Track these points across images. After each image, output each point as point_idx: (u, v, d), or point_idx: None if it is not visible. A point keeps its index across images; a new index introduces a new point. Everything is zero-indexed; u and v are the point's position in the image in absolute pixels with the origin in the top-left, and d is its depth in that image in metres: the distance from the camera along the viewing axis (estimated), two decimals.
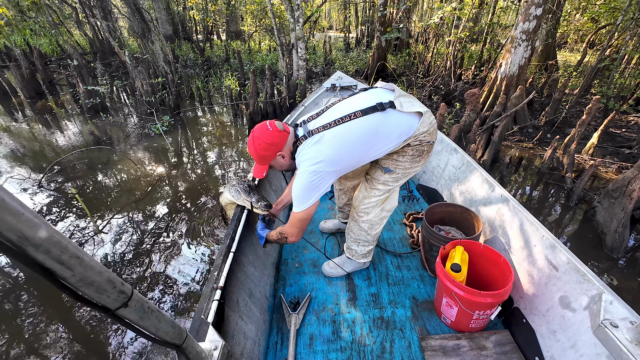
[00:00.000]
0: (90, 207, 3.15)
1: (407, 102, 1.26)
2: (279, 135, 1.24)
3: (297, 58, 5.73)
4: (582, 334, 1.09)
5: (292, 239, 1.40)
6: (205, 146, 4.67)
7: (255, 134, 1.25)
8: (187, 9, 12.02)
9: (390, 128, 1.23)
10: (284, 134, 1.25)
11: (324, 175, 1.21)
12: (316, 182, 1.21)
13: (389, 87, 1.34)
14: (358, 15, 14.41)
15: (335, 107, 1.28)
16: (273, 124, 1.25)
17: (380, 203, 1.52)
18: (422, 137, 1.29)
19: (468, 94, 3.59)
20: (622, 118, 5.25)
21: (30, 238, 0.40)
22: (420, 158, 1.36)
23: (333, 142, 1.20)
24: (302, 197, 1.25)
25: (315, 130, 1.22)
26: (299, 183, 1.23)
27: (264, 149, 1.24)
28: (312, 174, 1.20)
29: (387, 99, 1.25)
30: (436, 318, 1.55)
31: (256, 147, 1.25)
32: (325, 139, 1.21)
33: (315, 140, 1.22)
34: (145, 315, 0.60)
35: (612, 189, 2.70)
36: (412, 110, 1.24)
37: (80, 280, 0.47)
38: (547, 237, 1.34)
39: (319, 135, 1.21)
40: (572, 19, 10.77)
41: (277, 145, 1.25)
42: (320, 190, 1.23)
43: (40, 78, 7.31)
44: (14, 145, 4.55)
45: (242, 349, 1.19)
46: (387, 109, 1.22)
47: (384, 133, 1.23)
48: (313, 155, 1.20)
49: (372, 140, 1.23)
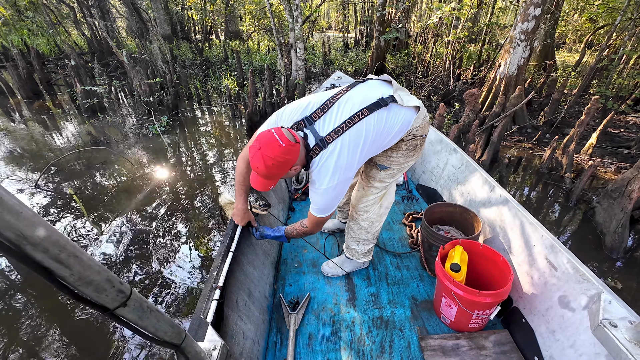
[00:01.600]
0: (87, 208, 3.13)
1: (405, 96, 1.27)
2: (292, 150, 1.07)
3: (296, 58, 5.73)
4: (581, 334, 1.09)
5: (315, 232, 1.43)
6: (204, 146, 4.65)
7: (264, 153, 1.04)
8: (186, 9, 12.00)
9: (393, 123, 1.23)
10: (297, 147, 1.09)
11: (345, 182, 1.21)
12: (339, 192, 1.21)
13: (384, 78, 1.33)
14: (357, 15, 14.42)
15: (340, 103, 1.21)
16: (283, 136, 1.06)
17: (378, 200, 1.53)
18: (415, 131, 1.30)
19: (467, 94, 3.60)
20: (621, 118, 5.27)
21: (28, 237, 0.40)
22: (414, 152, 1.37)
23: (349, 150, 1.16)
24: (326, 206, 1.26)
25: (328, 138, 1.15)
26: (325, 198, 1.22)
27: (277, 167, 1.06)
28: (336, 188, 1.19)
29: (387, 93, 1.25)
30: (435, 318, 1.55)
31: (268, 167, 1.05)
32: (340, 147, 1.15)
33: (330, 150, 1.15)
34: (144, 315, 0.60)
35: (611, 189, 2.70)
36: (411, 105, 1.25)
37: (78, 279, 0.47)
38: (547, 237, 1.34)
39: (333, 144, 1.15)
40: (570, 19, 10.81)
41: (291, 161, 1.09)
42: (341, 195, 1.24)
43: (38, 78, 7.28)
44: (11, 145, 4.53)
45: (241, 349, 1.19)
46: (390, 103, 1.21)
47: (387, 129, 1.23)
48: (332, 168, 1.15)
49: (379, 138, 1.23)
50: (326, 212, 1.28)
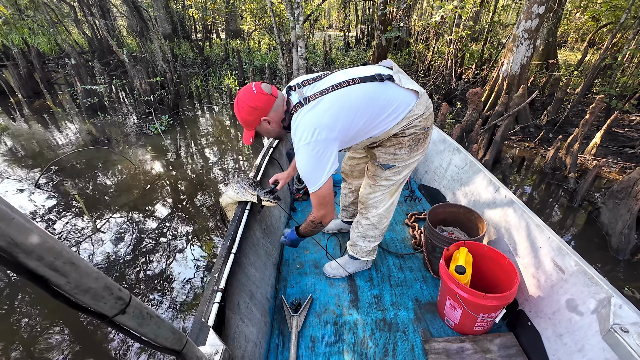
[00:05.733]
0: (88, 207, 3.12)
1: (405, 79, 1.24)
2: (263, 99, 1.14)
3: (297, 57, 5.70)
4: (590, 338, 1.07)
5: (328, 219, 1.32)
6: (204, 146, 4.64)
7: (239, 96, 1.16)
8: (186, 8, 11.97)
9: (388, 99, 1.19)
10: (269, 98, 1.15)
11: (326, 143, 1.12)
12: (320, 153, 1.13)
13: (386, 64, 1.31)
14: (358, 14, 14.36)
15: (333, 75, 1.22)
16: (258, 86, 1.15)
17: (388, 196, 1.49)
18: (417, 122, 1.25)
19: (470, 93, 3.57)
20: (625, 117, 5.24)
21: (21, 244, 0.38)
22: (417, 147, 1.33)
23: (331, 108, 1.12)
24: (312, 174, 1.17)
25: (312, 97, 1.14)
26: (303, 159, 1.15)
27: (247, 112, 1.15)
28: (313, 145, 1.11)
29: (386, 72, 1.23)
30: (439, 320, 1.53)
31: (240, 110, 1.16)
32: (322, 104, 1.13)
33: (311, 106, 1.13)
34: (144, 322, 0.58)
35: (617, 189, 2.68)
36: (409, 87, 1.22)
37: (75, 287, 0.45)
38: (554, 239, 1.32)
39: (316, 101, 1.14)
40: (572, 17, 10.75)
41: (262, 109, 1.15)
42: (328, 161, 1.15)
43: (38, 77, 7.27)
44: (11, 145, 4.52)
45: (243, 352, 1.17)
46: (386, 80, 1.19)
47: (380, 103, 1.18)
48: (310, 123, 1.12)
49: (369, 108, 1.17)
50: (315, 181, 1.18)
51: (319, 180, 1.17)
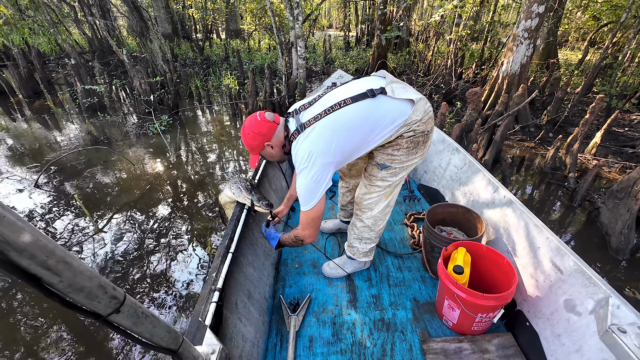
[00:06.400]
0: (87, 207, 3.12)
1: (400, 89, 1.24)
2: (266, 126, 1.26)
3: (297, 57, 5.70)
4: (588, 339, 1.07)
5: (309, 240, 1.39)
6: (204, 146, 4.64)
7: (245, 124, 1.30)
8: (186, 8, 11.97)
9: (381, 114, 1.21)
10: (272, 125, 1.27)
11: (322, 168, 1.20)
12: (317, 178, 1.21)
13: (380, 74, 1.33)
14: (358, 13, 14.35)
15: (326, 96, 1.27)
16: (262, 115, 1.28)
17: (384, 198, 1.48)
18: (415, 126, 1.26)
19: (470, 93, 3.56)
20: (625, 117, 5.22)
21: (12, 242, 0.38)
22: (416, 150, 1.33)
23: (324, 134, 1.19)
24: (307, 196, 1.25)
25: (307, 124, 1.22)
26: (301, 182, 1.24)
27: (252, 138, 1.27)
28: (310, 170, 1.20)
29: (378, 85, 1.24)
30: (438, 320, 1.53)
31: (245, 137, 1.29)
32: (315, 131, 1.20)
33: (306, 134, 1.22)
34: (138, 321, 0.58)
35: (616, 189, 2.67)
36: (403, 97, 1.22)
37: (69, 286, 0.45)
38: (552, 239, 1.31)
39: (310, 128, 1.21)
40: (573, 17, 10.73)
41: (265, 135, 1.26)
42: (322, 185, 1.23)
43: (39, 77, 7.28)
44: (11, 144, 4.52)
45: (241, 352, 1.17)
46: (378, 95, 1.21)
47: (374, 119, 1.21)
48: (307, 150, 1.20)
49: (363, 126, 1.21)
50: (308, 202, 1.26)
51: (312, 201, 1.26)
